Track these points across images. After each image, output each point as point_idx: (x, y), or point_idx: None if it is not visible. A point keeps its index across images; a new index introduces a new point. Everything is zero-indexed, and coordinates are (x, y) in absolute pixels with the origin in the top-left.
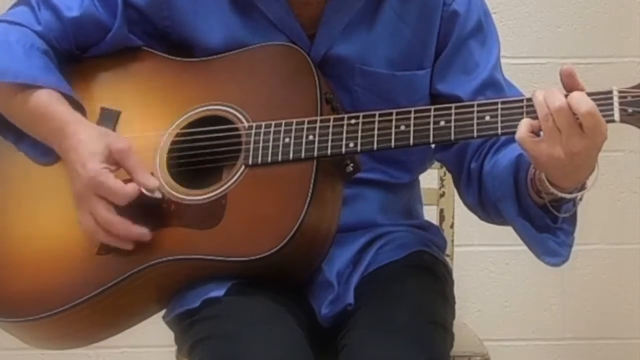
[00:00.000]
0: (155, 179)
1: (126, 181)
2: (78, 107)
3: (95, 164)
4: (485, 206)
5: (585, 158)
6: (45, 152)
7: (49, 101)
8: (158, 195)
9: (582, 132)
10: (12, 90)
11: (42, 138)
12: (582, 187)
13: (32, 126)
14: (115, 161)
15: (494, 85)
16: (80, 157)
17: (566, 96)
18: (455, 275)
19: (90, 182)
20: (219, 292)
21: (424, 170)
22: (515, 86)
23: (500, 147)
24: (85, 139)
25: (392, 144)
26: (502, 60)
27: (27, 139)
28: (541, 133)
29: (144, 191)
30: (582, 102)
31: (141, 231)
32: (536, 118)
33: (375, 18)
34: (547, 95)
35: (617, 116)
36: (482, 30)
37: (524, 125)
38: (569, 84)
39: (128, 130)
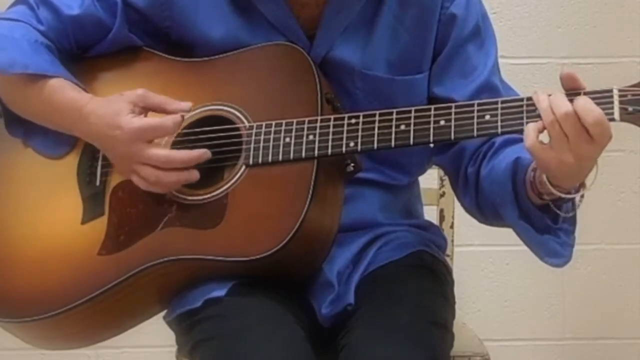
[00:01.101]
0: (187, 103)
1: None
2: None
3: (127, 118)
4: (484, 210)
5: (592, 160)
6: (54, 145)
7: (62, 89)
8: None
9: (590, 137)
10: (23, 82)
11: (59, 126)
12: (582, 185)
13: (48, 116)
14: (141, 107)
15: (491, 89)
16: (111, 123)
17: (570, 100)
18: (455, 275)
19: (133, 135)
20: (220, 292)
21: (423, 172)
22: (513, 89)
23: (497, 151)
24: (104, 109)
25: (393, 143)
26: (502, 61)
27: (37, 134)
28: (542, 135)
29: (181, 114)
30: (589, 110)
31: (200, 152)
32: (536, 118)
33: (374, 21)
34: (552, 100)
35: (617, 115)
36: (480, 33)
37: (532, 132)
38: (571, 87)
39: None
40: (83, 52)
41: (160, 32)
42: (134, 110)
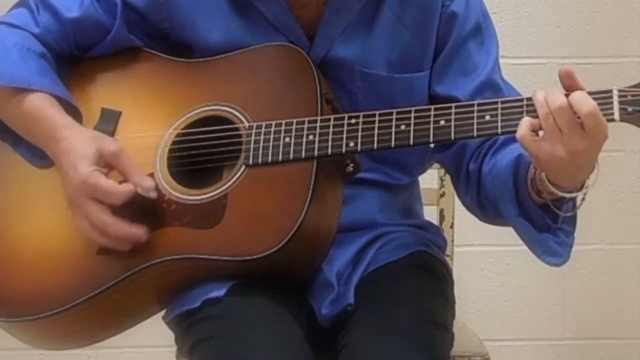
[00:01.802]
0: (151, 179)
1: (121, 182)
2: (74, 110)
3: (85, 166)
4: (484, 207)
5: (587, 157)
6: (41, 155)
7: (41, 105)
8: (153, 195)
9: (584, 131)
10: (7, 93)
11: (35, 142)
12: (582, 186)
13: (26, 130)
14: (108, 163)
15: (492, 86)
16: (71, 161)
17: (567, 95)
18: (455, 275)
19: (82, 185)
20: (219, 292)
21: (423, 171)
22: (514, 87)
23: (499, 149)
24: (76, 143)
25: (392, 143)
26: (502, 60)
27: (25, 142)
28: (540, 133)
29: (140, 191)
30: (583, 102)
31: (137, 231)
32: (537, 117)
33: (374, 20)
34: (548, 94)
35: (617, 115)
36: (481, 31)
37: (524, 124)
38: (569, 85)
39: (129, 131)
40: (83, 53)
41: (160, 33)
42: (99, 162)
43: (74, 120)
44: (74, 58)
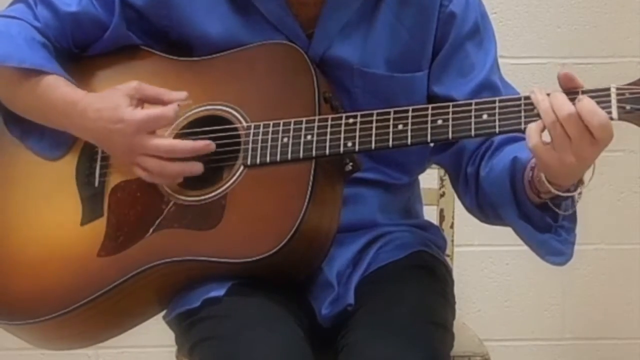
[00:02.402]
0: (182, 92)
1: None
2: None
3: (129, 110)
4: (484, 209)
5: (593, 160)
6: (51, 146)
7: (56, 84)
8: (190, 101)
9: (593, 139)
10: (17, 77)
11: (53, 123)
12: (580, 182)
13: (42, 112)
14: (138, 99)
15: (490, 87)
16: (113, 117)
17: (571, 99)
18: (455, 275)
19: (138, 125)
20: (219, 292)
21: (422, 171)
22: (513, 88)
23: (495, 152)
24: (101, 103)
25: (390, 143)
26: (502, 60)
27: (33, 133)
28: (543, 134)
29: (177, 103)
30: (593, 113)
31: (204, 143)
32: (534, 117)
33: (373, 19)
34: (553, 101)
35: (615, 114)
36: (479, 31)
37: (534, 132)
38: (568, 86)
39: None
40: (81, 51)
41: (159, 31)
42: (131, 102)
43: (87, 92)
44: (73, 56)
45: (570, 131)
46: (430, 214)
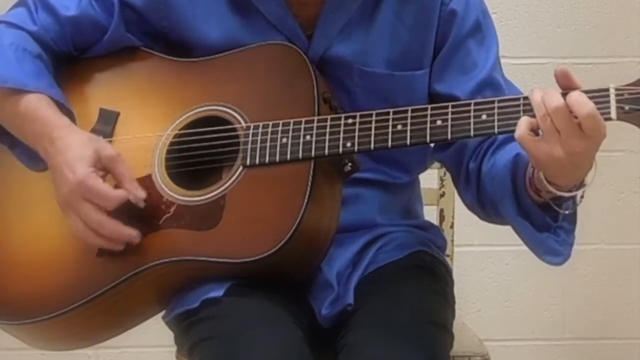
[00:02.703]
0: (142, 190)
1: (115, 187)
2: (69, 113)
3: (84, 168)
4: (485, 206)
5: (585, 157)
6: (37, 158)
7: (37, 105)
8: (141, 205)
9: (582, 132)
10: (2, 94)
11: (28, 142)
12: (581, 185)
13: (21, 130)
14: (104, 167)
15: (492, 85)
16: (69, 160)
17: (564, 95)
18: (455, 275)
19: (79, 186)
20: (218, 292)
21: (423, 170)
22: (515, 86)
23: (498, 148)
24: (73, 144)
25: (389, 143)
26: (502, 60)
27: (21, 145)
28: (540, 132)
29: (131, 199)
30: (581, 103)
31: (131, 232)
32: (534, 116)
33: (373, 18)
34: (545, 95)
35: (613, 114)
36: (481, 29)
37: (523, 124)
38: (566, 85)
39: (127, 131)
40: (81, 53)
41: (158, 32)
42: (96, 164)
43: (70, 121)
44: (73, 58)
45: (559, 124)
46: (430, 214)
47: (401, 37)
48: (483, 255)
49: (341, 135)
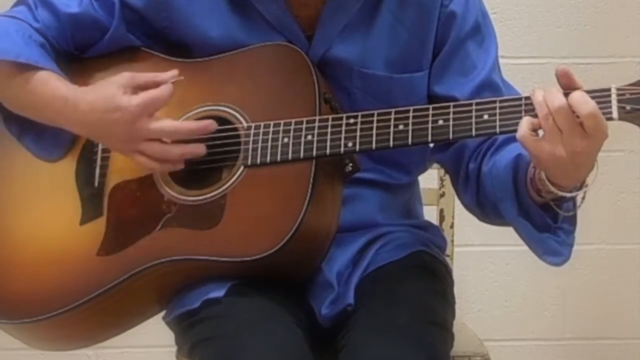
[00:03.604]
0: (175, 70)
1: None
2: None
3: (125, 98)
4: (484, 206)
5: (587, 157)
6: (50, 147)
7: (48, 78)
8: (181, 77)
9: (584, 131)
10: (12, 71)
11: (46, 118)
12: (582, 186)
13: (34, 107)
14: (131, 87)
15: (491, 86)
16: (109, 107)
17: (566, 95)
18: (455, 275)
19: (137, 110)
20: (218, 292)
21: (423, 171)
22: (513, 87)
23: (499, 148)
24: (97, 95)
25: (391, 143)
26: (502, 60)
27: (31, 133)
28: (540, 132)
29: (171, 81)
30: (583, 102)
31: (206, 123)
32: (536, 116)
33: (373, 20)
34: (547, 94)
35: (615, 114)
36: (480, 31)
37: (524, 124)
38: (566, 84)
39: None
40: (81, 52)
41: (158, 33)
42: (126, 91)
43: (78, 86)
44: (73, 58)
45: (561, 123)
46: (430, 214)
47: (400, 39)
48: (483, 255)
49: (343, 135)
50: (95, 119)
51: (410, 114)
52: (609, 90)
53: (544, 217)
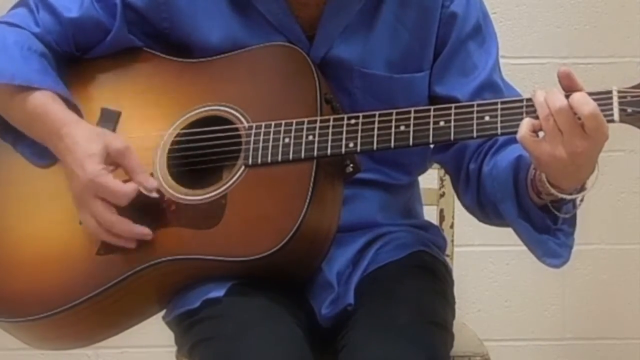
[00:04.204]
0: (154, 179)
1: (125, 181)
2: (75, 108)
3: (93, 165)
4: (484, 207)
5: (587, 158)
6: (42, 153)
7: (44, 102)
8: (155, 195)
9: (584, 132)
10: (9, 92)
11: (39, 139)
12: (582, 188)
13: (29, 128)
14: (114, 161)
15: (492, 87)
16: (78, 158)
17: (567, 96)
18: (455, 275)
19: (89, 184)
20: (219, 292)
21: (423, 171)
22: (514, 88)
23: (499, 149)
24: (82, 140)
25: (392, 144)
26: (502, 61)
27: (25, 140)
28: (540, 133)
29: (143, 191)
30: (584, 103)
31: (143, 230)
32: (537, 118)
33: (374, 21)
34: (548, 95)
35: (616, 116)
36: (481, 31)
37: (525, 125)
38: (568, 85)
39: (128, 131)
40: (83, 54)
41: (160, 33)
42: (106, 160)
43: (78, 117)
44: (74, 58)
45: (561, 123)
46: (430, 214)
47: (401, 39)
48: (483, 255)
49: (344, 135)
50: (68, 158)
51: (412, 115)
52: (610, 92)
53: (544, 218)
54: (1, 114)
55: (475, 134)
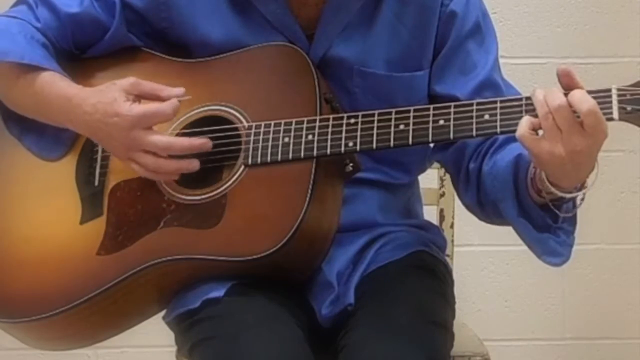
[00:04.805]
0: (178, 89)
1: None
2: None
3: (125, 105)
4: (484, 206)
5: (586, 156)
6: (50, 146)
7: (52, 80)
8: (188, 97)
9: (583, 130)
10: (15, 72)
11: (48, 118)
12: (582, 186)
13: (38, 108)
14: (135, 95)
15: (491, 85)
16: (108, 111)
17: (566, 95)
18: (455, 275)
19: (134, 120)
20: (219, 292)
21: (423, 170)
22: (513, 87)
23: (499, 148)
24: (99, 98)
25: (391, 143)
26: (502, 60)
27: (32, 133)
28: (540, 132)
29: (175, 100)
30: (583, 100)
31: (201, 141)
32: (536, 116)
33: (373, 20)
34: (547, 94)
35: (616, 114)
36: (480, 30)
37: (524, 123)
38: (567, 83)
39: None
40: (81, 52)
41: (159, 33)
42: (128, 97)
43: (83, 87)
44: (73, 57)
45: (560, 122)
46: (430, 214)
47: (401, 38)
48: (483, 255)
49: (343, 134)
50: (95, 120)
51: (411, 114)
52: (609, 90)
53: (544, 217)
54: (7, 98)
55: (474, 133)
